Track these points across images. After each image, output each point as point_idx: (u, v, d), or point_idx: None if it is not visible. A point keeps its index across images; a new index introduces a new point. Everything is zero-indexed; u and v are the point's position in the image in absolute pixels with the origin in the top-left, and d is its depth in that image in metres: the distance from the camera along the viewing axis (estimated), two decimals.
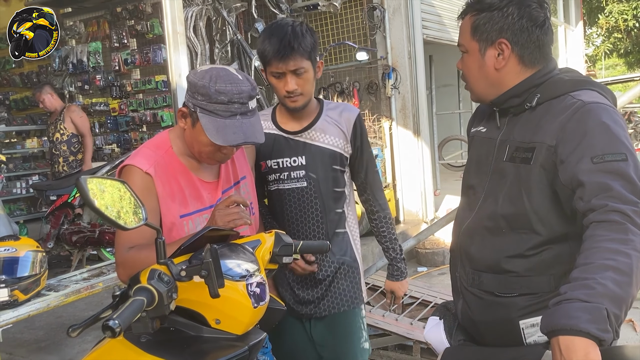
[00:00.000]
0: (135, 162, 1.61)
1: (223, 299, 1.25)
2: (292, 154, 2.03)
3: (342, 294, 2.09)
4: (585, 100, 1.38)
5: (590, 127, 1.33)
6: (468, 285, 1.57)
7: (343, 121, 2.07)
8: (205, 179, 1.71)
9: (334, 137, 2.05)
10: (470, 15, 1.51)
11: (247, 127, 1.56)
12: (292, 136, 2.03)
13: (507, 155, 1.48)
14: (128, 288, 1.24)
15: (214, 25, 6.44)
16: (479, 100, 1.60)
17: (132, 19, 6.82)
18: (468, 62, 1.54)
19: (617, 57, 19.50)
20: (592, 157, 1.29)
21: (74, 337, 1.15)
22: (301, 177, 2.02)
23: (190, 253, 1.37)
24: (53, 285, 2.84)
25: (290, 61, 1.86)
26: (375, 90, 6.30)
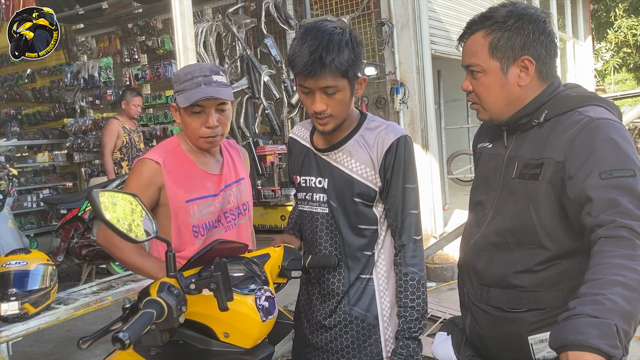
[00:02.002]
0: (147, 155, 1.85)
1: (232, 312, 1.26)
2: (317, 173, 1.74)
3: (353, 353, 1.71)
4: (593, 117, 1.38)
5: (599, 143, 1.32)
6: (476, 300, 1.56)
7: (376, 146, 1.68)
8: (210, 171, 1.90)
9: (361, 163, 1.68)
10: (484, 35, 1.47)
11: (210, 90, 1.76)
12: (320, 153, 1.74)
13: (516, 172, 1.48)
14: (138, 300, 1.25)
15: (223, 41, 6.52)
16: (492, 120, 1.55)
17: (143, 35, 6.91)
18: (486, 82, 1.49)
19: (626, 71, 19.46)
20: (600, 173, 1.29)
21: (84, 348, 1.16)
22: (323, 202, 1.72)
23: (200, 266, 1.38)
24: (63, 299, 2.85)
25: (320, 79, 1.54)
26: (384, 105, 6.32)
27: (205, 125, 1.79)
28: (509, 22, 1.44)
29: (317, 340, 1.75)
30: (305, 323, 1.79)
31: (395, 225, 1.70)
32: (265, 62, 6.53)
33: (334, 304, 1.71)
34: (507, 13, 1.45)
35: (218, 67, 1.84)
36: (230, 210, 1.90)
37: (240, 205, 1.95)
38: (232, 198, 1.92)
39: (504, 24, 1.44)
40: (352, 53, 1.57)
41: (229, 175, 1.93)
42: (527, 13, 1.46)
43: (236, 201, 1.93)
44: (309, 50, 1.53)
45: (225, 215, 1.88)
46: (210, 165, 1.91)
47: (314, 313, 1.75)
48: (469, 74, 1.53)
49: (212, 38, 6.39)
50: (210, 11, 6.83)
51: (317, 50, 1.52)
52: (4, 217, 4.54)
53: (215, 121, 1.79)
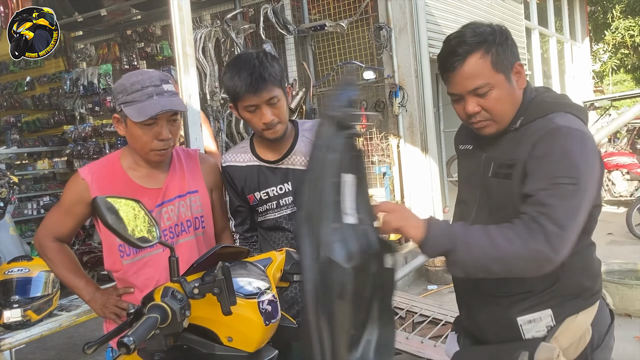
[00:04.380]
0: (80, 169, 1.85)
1: (235, 316, 1.27)
2: (277, 182, 1.98)
3: None
4: (559, 124, 1.49)
5: (555, 149, 1.45)
6: (469, 289, 1.68)
7: None
8: (147, 186, 1.83)
9: None
10: (482, 55, 1.51)
11: (164, 102, 1.70)
12: (274, 165, 1.99)
13: (492, 172, 1.60)
14: (142, 305, 1.26)
15: (222, 46, 6.53)
16: (499, 130, 1.58)
17: (142, 42, 6.92)
18: (497, 95, 1.53)
19: (624, 72, 19.50)
20: (549, 178, 1.42)
21: (89, 354, 1.17)
22: (289, 204, 1.98)
23: (203, 271, 1.38)
24: (65, 305, 2.85)
25: (264, 92, 1.81)
26: (383, 109, 6.33)
27: (158, 138, 1.73)
28: (497, 38, 1.53)
29: None
30: None
31: None
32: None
33: None
34: (491, 31, 1.54)
35: (166, 75, 1.79)
36: (169, 228, 1.82)
37: (184, 221, 1.85)
38: (172, 214, 1.83)
39: (494, 41, 1.52)
40: (279, 66, 1.89)
41: (172, 190, 1.85)
42: (501, 28, 1.58)
43: (176, 218, 1.84)
44: (247, 73, 1.81)
45: (163, 233, 1.79)
46: (152, 180, 1.84)
47: None
48: (472, 97, 1.54)
49: (210, 44, 6.40)
50: (209, 17, 6.85)
51: (255, 70, 1.80)
52: (5, 225, 4.54)
53: (168, 133, 1.73)
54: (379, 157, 6.41)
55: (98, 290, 1.88)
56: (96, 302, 1.86)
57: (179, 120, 1.80)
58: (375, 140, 6.37)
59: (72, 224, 1.87)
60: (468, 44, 1.52)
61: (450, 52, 1.54)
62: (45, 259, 1.92)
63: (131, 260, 1.81)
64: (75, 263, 1.93)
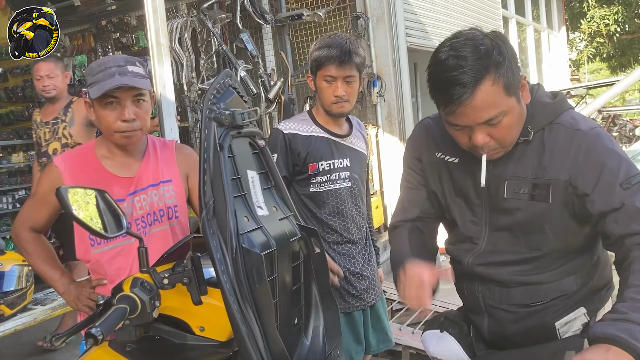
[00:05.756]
0: (54, 158, 1.85)
1: (206, 306, 1.27)
2: (340, 155, 2.21)
3: (378, 282, 2.41)
4: (582, 129, 1.40)
5: (604, 157, 1.37)
6: (496, 303, 1.56)
7: (362, 130, 2.39)
8: (120, 175, 1.81)
9: (362, 143, 2.34)
10: (493, 82, 1.30)
11: (124, 79, 1.68)
12: (340, 140, 2.23)
13: (507, 192, 1.46)
14: (111, 297, 1.25)
15: (199, 36, 6.47)
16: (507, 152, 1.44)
17: (117, 32, 6.83)
18: (510, 122, 1.36)
19: (600, 61, 19.76)
20: (620, 184, 1.34)
21: (57, 345, 1.16)
22: (346, 178, 2.22)
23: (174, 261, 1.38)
24: (40, 299, 2.83)
25: (346, 67, 2.07)
26: (361, 99, 6.33)
27: (121, 118, 1.70)
28: (504, 55, 1.32)
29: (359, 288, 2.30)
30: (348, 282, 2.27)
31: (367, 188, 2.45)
32: (242, 57, 6.50)
33: (368, 251, 2.36)
34: (494, 46, 1.32)
35: (135, 58, 1.78)
36: (142, 217, 1.80)
37: (156, 210, 1.83)
38: (145, 203, 1.81)
39: (503, 62, 1.31)
40: (363, 55, 2.16)
41: (145, 179, 1.82)
42: (500, 39, 1.36)
43: (149, 207, 1.81)
44: (338, 47, 2.06)
45: (135, 223, 1.79)
46: (126, 168, 1.82)
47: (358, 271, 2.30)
48: (482, 127, 1.35)
49: (187, 34, 6.34)
50: (185, 7, 6.78)
51: (345, 47, 2.07)
52: None
53: (131, 114, 1.71)
54: None
55: (72, 282, 1.87)
56: (70, 295, 1.84)
57: (146, 103, 1.76)
58: None
59: (47, 213, 1.86)
60: (475, 70, 1.28)
61: (454, 81, 1.29)
62: (21, 249, 1.92)
63: (101, 250, 1.80)
64: (51, 255, 1.92)
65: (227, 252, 1.10)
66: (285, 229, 1.31)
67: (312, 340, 1.36)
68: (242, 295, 1.10)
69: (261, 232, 1.20)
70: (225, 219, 1.11)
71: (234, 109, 1.21)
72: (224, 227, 1.10)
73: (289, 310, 1.32)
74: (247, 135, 1.29)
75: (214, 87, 1.20)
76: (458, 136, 1.41)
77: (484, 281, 1.57)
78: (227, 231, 1.10)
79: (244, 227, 1.16)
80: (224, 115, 1.17)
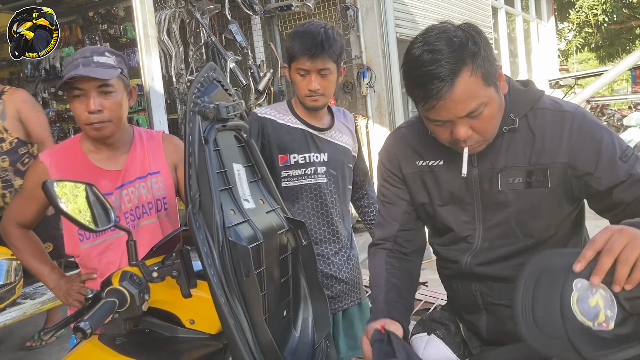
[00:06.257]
0: (40, 153, 1.84)
1: (196, 299, 1.27)
2: (317, 150, 2.08)
3: (358, 286, 2.26)
4: (569, 110, 1.41)
5: (597, 133, 1.39)
6: (496, 299, 1.52)
7: (349, 122, 2.22)
8: (107, 168, 1.80)
9: (347, 137, 2.18)
10: (471, 73, 1.27)
11: (83, 70, 1.64)
12: (318, 133, 2.10)
13: (502, 184, 1.43)
14: (100, 290, 1.25)
15: (187, 27, 6.42)
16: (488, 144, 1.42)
17: (104, 23, 6.76)
18: (490, 113, 1.34)
19: (588, 51, 19.84)
20: (620, 157, 1.37)
21: (46, 339, 1.16)
22: (323, 174, 2.09)
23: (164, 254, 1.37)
24: (29, 293, 2.81)
25: (319, 60, 1.93)
26: (351, 90, 6.33)
27: (87, 110, 1.68)
28: (479, 45, 1.29)
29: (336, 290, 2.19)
30: None
31: (365, 177, 2.35)
32: (231, 48, 6.47)
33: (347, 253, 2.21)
34: (469, 38, 1.29)
35: (105, 48, 1.74)
36: (130, 210, 1.80)
37: (145, 203, 1.82)
38: (133, 196, 1.80)
39: (479, 52, 1.28)
40: (341, 44, 1.99)
41: (132, 171, 1.81)
42: (473, 29, 1.34)
43: (137, 200, 1.81)
44: (310, 37, 1.91)
45: (124, 216, 1.79)
46: (112, 161, 1.81)
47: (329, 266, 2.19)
48: (463, 121, 1.32)
49: (175, 25, 6.28)
50: None
51: (317, 37, 1.91)
52: None
53: (96, 105, 1.67)
54: None
55: (62, 277, 1.87)
56: (60, 290, 1.84)
57: (115, 94, 1.71)
58: None
59: (34, 209, 1.85)
60: (452, 62, 1.26)
61: (431, 75, 1.26)
62: (10, 245, 1.91)
63: (91, 244, 1.79)
64: (40, 250, 1.91)
65: (214, 245, 1.10)
66: (272, 222, 1.31)
67: (302, 332, 1.37)
68: (229, 288, 1.10)
69: (248, 225, 1.20)
70: (211, 213, 1.10)
71: (219, 102, 1.20)
72: (210, 221, 1.10)
73: (277, 303, 1.32)
74: (232, 128, 1.28)
75: (197, 81, 1.20)
76: (439, 132, 1.39)
77: (482, 279, 1.53)
78: (213, 225, 1.10)
79: (231, 220, 1.16)
80: (208, 109, 1.16)
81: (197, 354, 1.32)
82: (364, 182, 2.36)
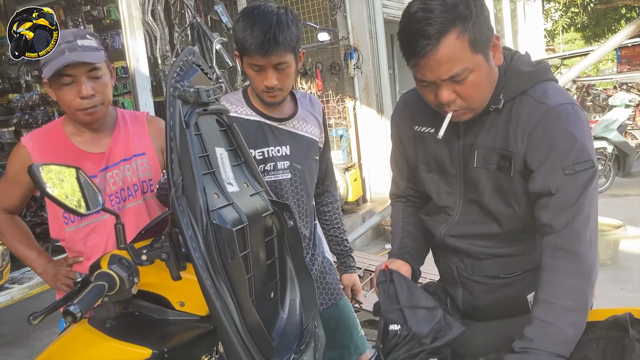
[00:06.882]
0: (22, 137, 1.81)
1: (185, 281, 1.27)
2: (277, 143, 1.87)
3: (332, 286, 2.08)
4: (550, 105, 1.35)
5: (558, 137, 1.33)
6: (469, 274, 1.58)
7: (316, 110, 1.99)
8: (90, 151, 1.78)
9: (314, 126, 1.97)
10: (458, 36, 1.27)
11: (73, 55, 1.63)
12: (277, 124, 1.88)
13: (477, 162, 1.45)
14: (89, 274, 1.25)
15: (172, 9, 6.34)
16: (476, 115, 1.42)
17: (87, 5, 6.65)
18: (476, 80, 1.33)
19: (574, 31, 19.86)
20: (563, 169, 1.32)
21: (35, 324, 1.16)
22: (285, 169, 1.88)
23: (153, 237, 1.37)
24: (17, 278, 2.81)
25: (273, 56, 1.69)
26: (338, 71, 6.31)
27: (79, 95, 1.67)
28: (471, 10, 1.28)
29: None
30: None
31: (326, 170, 2.10)
32: (217, 29, 6.40)
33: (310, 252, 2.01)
34: (463, 1, 1.28)
35: (85, 30, 1.72)
36: (115, 192, 1.79)
37: (130, 185, 1.81)
38: (118, 179, 1.79)
39: (470, 16, 1.28)
40: (297, 30, 1.73)
41: (116, 153, 1.80)
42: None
43: (122, 182, 1.80)
44: (261, 30, 1.66)
45: (109, 199, 1.78)
46: (96, 144, 1.79)
47: None
48: (447, 84, 1.33)
49: (160, 6, 6.20)
50: None
51: (269, 30, 1.65)
52: None
53: (89, 90, 1.67)
54: (336, 120, 6.41)
55: (50, 261, 1.86)
56: (48, 274, 1.83)
57: (103, 77, 1.72)
58: (332, 102, 6.36)
59: (19, 194, 1.84)
60: (440, 22, 1.26)
61: (418, 33, 1.27)
62: None
63: (76, 227, 1.79)
64: (27, 235, 1.90)
65: (198, 229, 1.10)
66: (256, 205, 1.31)
67: (289, 313, 1.38)
68: (215, 270, 1.11)
69: (232, 209, 1.20)
70: (194, 197, 1.10)
71: (199, 86, 1.19)
72: (193, 205, 1.10)
73: (264, 285, 1.33)
74: (213, 112, 1.28)
75: (177, 65, 1.19)
76: (426, 93, 1.40)
77: (456, 253, 1.59)
78: (197, 208, 1.10)
79: (215, 203, 1.16)
80: (188, 93, 1.15)
81: (188, 336, 1.32)
82: (325, 176, 2.12)
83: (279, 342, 1.35)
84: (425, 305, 1.47)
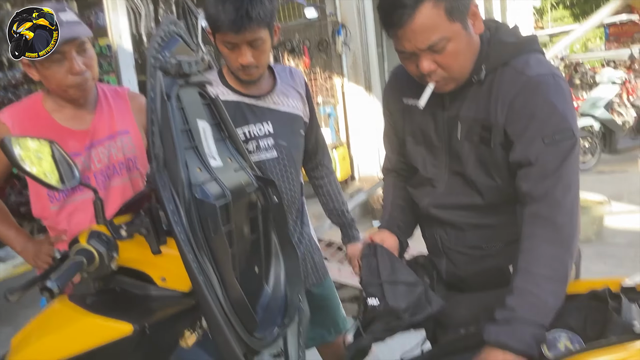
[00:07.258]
0: (0, 114, 1.72)
1: (166, 256, 1.26)
2: (256, 120, 1.81)
3: (318, 265, 2.07)
4: (530, 75, 1.35)
5: (538, 107, 1.33)
6: (452, 245, 1.59)
7: (298, 84, 1.93)
8: (74, 128, 1.74)
9: (296, 100, 1.90)
10: (434, 4, 1.28)
11: (64, 32, 1.57)
12: (255, 101, 1.82)
13: (461, 134, 1.45)
14: (68, 250, 1.23)
15: None
16: (459, 85, 1.42)
17: None
18: (455, 49, 1.33)
19: (563, 8, 19.82)
20: (542, 138, 1.32)
21: (13, 301, 1.14)
22: (270, 147, 1.83)
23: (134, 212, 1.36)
24: (1, 257, 2.78)
25: (247, 33, 1.61)
26: (326, 48, 6.26)
27: (72, 72, 1.63)
28: None
29: None
30: None
31: (317, 144, 2.04)
32: (202, 5, 6.33)
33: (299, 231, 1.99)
34: None
35: (63, 4, 1.65)
36: (101, 170, 1.76)
37: (115, 163, 1.78)
38: (103, 156, 1.76)
39: None
40: (271, 4, 1.64)
41: (100, 130, 1.76)
42: None
43: (107, 160, 1.76)
44: (233, 7, 1.57)
45: (94, 176, 1.75)
46: (78, 121, 1.75)
47: None
48: (426, 54, 1.34)
49: None
50: None
51: (242, 6, 1.57)
52: None
53: (81, 65, 1.64)
54: (324, 98, 6.37)
55: (30, 240, 1.84)
56: (28, 253, 1.81)
57: (90, 49, 1.68)
58: (320, 80, 6.32)
59: None
60: None
61: (395, 3, 1.29)
62: None
63: (59, 207, 1.76)
64: (4, 213, 1.87)
65: (180, 203, 1.09)
66: (240, 180, 1.30)
67: (274, 287, 1.38)
68: (197, 245, 1.10)
69: (215, 183, 1.19)
70: (176, 171, 1.09)
71: (181, 57, 1.17)
72: (175, 179, 1.09)
73: (248, 260, 1.32)
74: (196, 84, 1.26)
75: (157, 35, 1.16)
76: (407, 65, 1.41)
77: (440, 224, 1.60)
78: (178, 182, 1.09)
79: (197, 178, 1.15)
80: (170, 64, 1.13)
81: (170, 312, 1.32)
82: (316, 150, 2.06)
83: (263, 316, 1.35)
84: (406, 280, 1.47)
